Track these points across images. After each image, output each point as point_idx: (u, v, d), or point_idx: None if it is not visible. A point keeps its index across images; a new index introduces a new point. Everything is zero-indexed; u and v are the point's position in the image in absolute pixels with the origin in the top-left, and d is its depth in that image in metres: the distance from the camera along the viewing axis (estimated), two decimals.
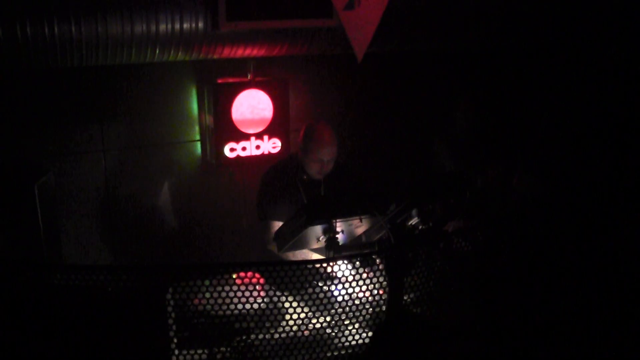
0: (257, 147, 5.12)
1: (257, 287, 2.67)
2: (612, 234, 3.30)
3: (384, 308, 2.90)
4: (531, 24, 4.91)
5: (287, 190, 3.91)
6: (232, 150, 5.05)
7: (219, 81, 5.01)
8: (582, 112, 5.39)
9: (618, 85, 5.19)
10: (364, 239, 3.43)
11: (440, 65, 5.73)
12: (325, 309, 2.80)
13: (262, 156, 5.15)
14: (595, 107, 5.30)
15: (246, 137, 5.08)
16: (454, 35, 4.88)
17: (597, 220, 3.35)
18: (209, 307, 2.69)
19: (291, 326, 2.75)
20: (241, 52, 4.39)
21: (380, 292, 2.88)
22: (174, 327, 2.71)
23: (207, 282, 2.63)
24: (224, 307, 2.65)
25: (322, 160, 3.86)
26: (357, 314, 2.85)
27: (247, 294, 2.63)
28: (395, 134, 5.87)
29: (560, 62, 5.50)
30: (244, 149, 5.09)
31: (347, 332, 2.84)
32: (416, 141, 5.71)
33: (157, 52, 4.11)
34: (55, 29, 3.71)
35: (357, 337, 2.85)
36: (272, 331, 2.78)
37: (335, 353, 2.86)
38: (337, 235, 3.25)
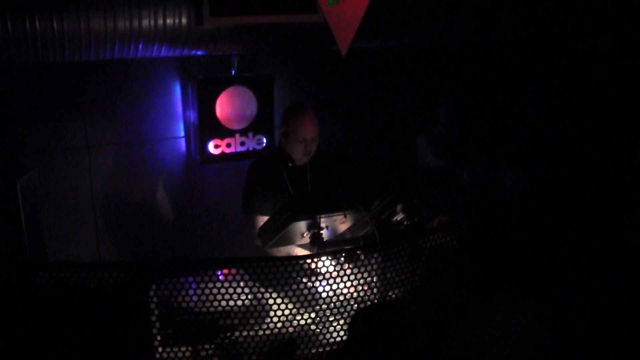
0: (242, 143, 5.11)
1: (241, 283, 2.66)
2: (598, 228, 3.31)
3: (368, 304, 2.90)
4: (514, 18, 4.92)
5: (273, 180, 3.90)
6: (216, 146, 5.03)
7: (203, 77, 4.98)
8: (567, 106, 5.41)
9: (603, 80, 5.21)
10: (348, 234, 3.43)
11: (424, 61, 5.73)
12: (309, 305, 2.80)
13: (247, 152, 5.13)
14: (581, 102, 5.32)
15: (231, 133, 5.06)
16: (438, 30, 4.87)
17: (583, 215, 3.36)
18: (192, 304, 2.68)
19: (275, 323, 2.74)
20: (225, 47, 4.37)
21: (365, 287, 2.88)
22: (157, 325, 2.70)
23: (190, 279, 2.62)
24: (208, 304, 2.64)
25: (305, 140, 3.83)
26: (342, 310, 2.84)
27: (231, 290, 2.63)
28: (380, 129, 5.86)
29: (545, 56, 5.51)
30: (228, 145, 5.07)
31: (331, 329, 2.84)
32: (402, 136, 5.71)
33: (141, 48, 4.08)
34: (37, 24, 3.67)
35: (341, 333, 2.84)
36: (257, 328, 2.77)
37: (320, 349, 2.85)
38: (321, 231, 3.24)
